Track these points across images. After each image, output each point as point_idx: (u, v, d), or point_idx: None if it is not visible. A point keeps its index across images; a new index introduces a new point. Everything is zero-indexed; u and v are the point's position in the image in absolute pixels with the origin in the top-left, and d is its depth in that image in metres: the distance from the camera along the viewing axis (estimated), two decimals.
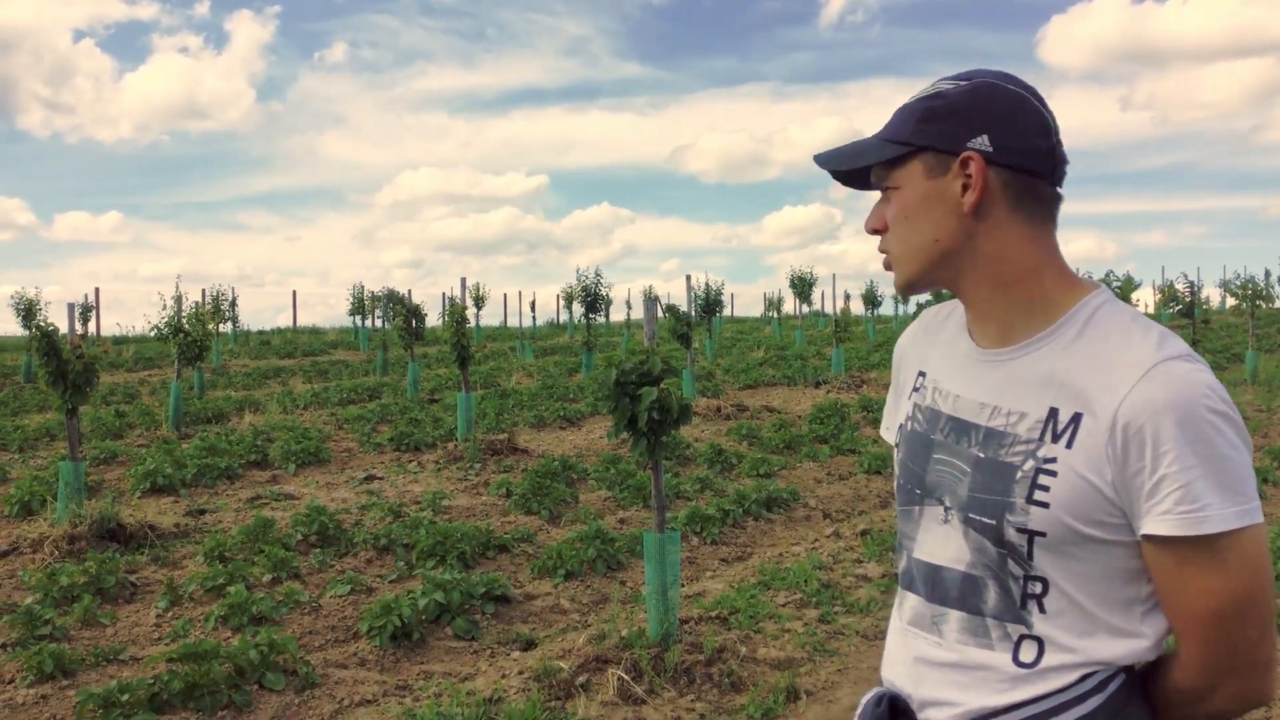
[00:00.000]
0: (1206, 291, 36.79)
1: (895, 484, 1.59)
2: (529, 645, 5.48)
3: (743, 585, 6.28)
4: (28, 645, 5.18)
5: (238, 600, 5.71)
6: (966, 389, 1.48)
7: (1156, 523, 1.29)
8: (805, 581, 6.25)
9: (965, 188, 1.39)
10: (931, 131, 1.40)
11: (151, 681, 4.48)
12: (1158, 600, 1.38)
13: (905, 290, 1.50)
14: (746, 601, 5.81)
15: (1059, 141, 1.42)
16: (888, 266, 1.50)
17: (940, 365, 1.56)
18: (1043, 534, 1.35)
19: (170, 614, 5.90)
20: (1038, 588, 1.38)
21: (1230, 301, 32.82)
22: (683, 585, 6.30)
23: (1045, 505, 1.34)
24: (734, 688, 4.65)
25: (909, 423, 1.57)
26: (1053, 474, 1.34)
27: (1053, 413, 1.37)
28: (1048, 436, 1.36)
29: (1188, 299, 18.03)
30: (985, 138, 1.38)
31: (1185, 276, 18.08)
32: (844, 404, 13.75)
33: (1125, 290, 16.80)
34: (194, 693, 4.50)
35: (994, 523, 1.38)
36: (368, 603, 5.83)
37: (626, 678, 4.58)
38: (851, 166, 1.49)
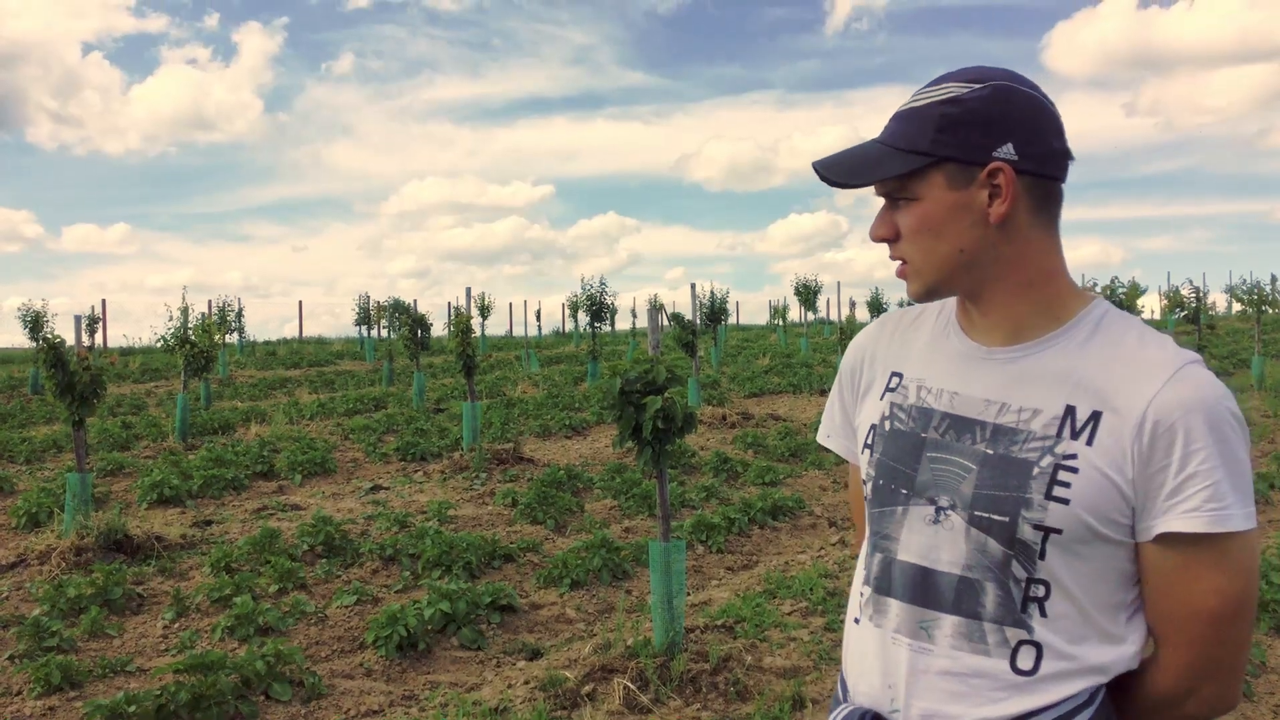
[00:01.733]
0: (1212, 297, 36.78)
1: (870, 485, 1.53)
2: (535, 655, 5.48)
3: (748, 594, 6.27)
4: (35, 657, 5.19)
5: (244, 611, 5.72)
6: (965, 386, 1.46)
7: (1181, 519, 1.31)
8: (811, 590, 6.25)
9: (992, 197, 1.37)
10: (954, 142, 1.36)
11: (159, 693, 4.49)
12: (1143, 605, 1.41)
13: (923, 298, 1.47)
14: (752, 610, 5.80)
15: (1065, 138, 1.42)
16: (902, 275, 1.46)
17: (924, 365, 1.53)
18: (1059, 531, 1.34)
19: (177, 625, 5.91)
20: (1040, 590, 1.37)
21: (1236, 307, 32.79)
22: (688, 594, 6.30)
23: (1065, 502, 1.33)
24: (740, 696, 4.64)
25: (886, 422, 1.53)
26: (1074, 470, 1.34)
27: (1069, 410, 1.37)
28: (1066, 433, 1.36)
29: (1193, 304, 18.01)
30: (1010, 146, 1.36)
31: (1190, 282, 18.09)
32: None
33: (1131, 296, 16.73)
34: (201, 704, 4.50)
35: (1007, 519, 1.36)
36: (374, 613, 5.83)
37: (632, 687, 4.58)
38: (865, 180, 1.42)
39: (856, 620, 1.54)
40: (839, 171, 1.43)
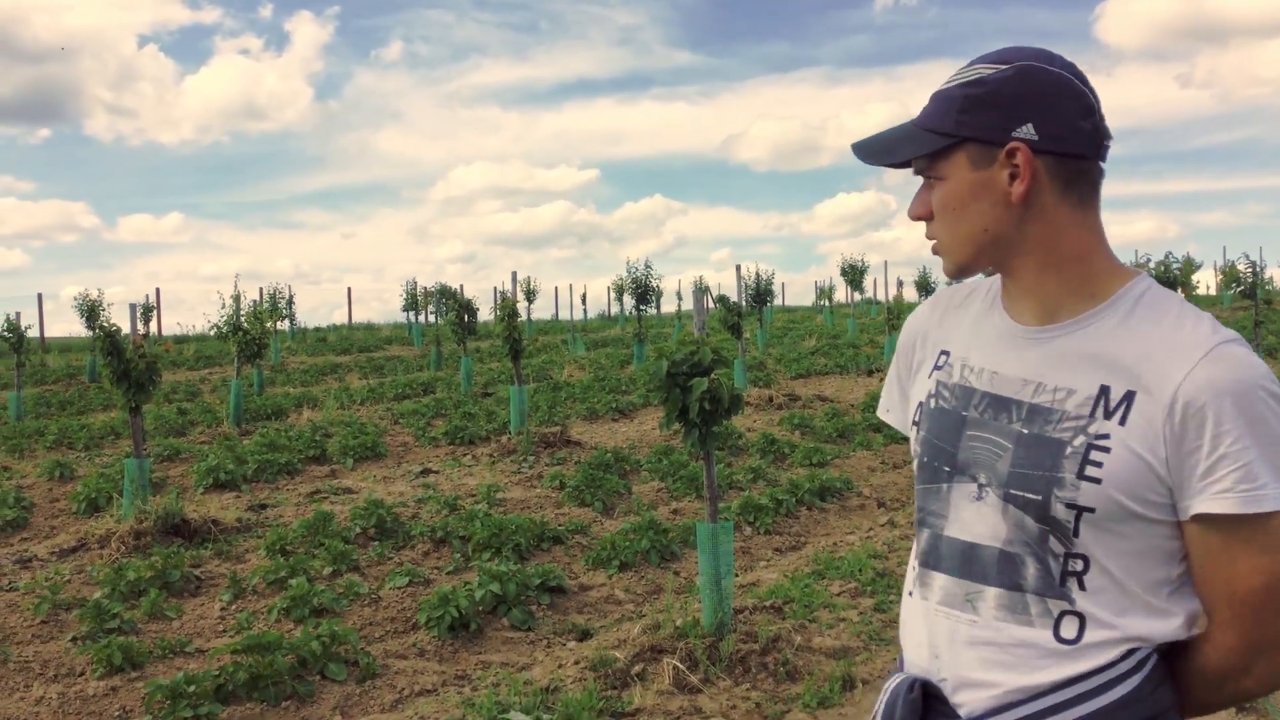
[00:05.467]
0: (1270, 272, 35.90)
1: (916, 462, 1.56)
2: (585, 635, 5.52)
3: (797, 574, 6.27)
4: (97, 638, 5.32)
5: (299, 593, 5.81)
6: (1005, 366, 1.47)
7: (1213, 501, 1.30)
8: (860, 570, 6.23)
9: (1013, 177, 1.38)
10: (974, 123, 1.39)
11: (217, 673, 4.58)
12: (1191, 581, 1.40)
13: (956, 275, 1.49)
14: (801, 591, 5.80)
15: (1101, 117, 1.42)
16: (936, 252, 1.50)
17: (969, 343, 1.54)
18: (1091, 510, 1.34)
19: (234, 607, 6.02)
20: (1079, 565, 1.37)
21: None
22: (736, 575, 6.31)
23: (1097, 481, 1.34)
24: (789, 677, 4.65)
25: (932, 400, 1.55)
26: (1106, 450, 1.34)
27: (1104, 390, 1.37)
28: (1099, 413, 1.36)
29: (1250, 280, 17.62)
30: (1030, 126, 1.37)
31: (1247, 256, 17.60)
32: None
33: (1185, 272, 16.43)
34: (258, 684, 4.59)
35: (1040, 498, 1.37)
36: (426, 594, 5.90)
37: (682, 667, 4.60)
38: (890, 160, 1.48)
39: (910, 594, 1.58)
40: (871, 151, 1.51)
